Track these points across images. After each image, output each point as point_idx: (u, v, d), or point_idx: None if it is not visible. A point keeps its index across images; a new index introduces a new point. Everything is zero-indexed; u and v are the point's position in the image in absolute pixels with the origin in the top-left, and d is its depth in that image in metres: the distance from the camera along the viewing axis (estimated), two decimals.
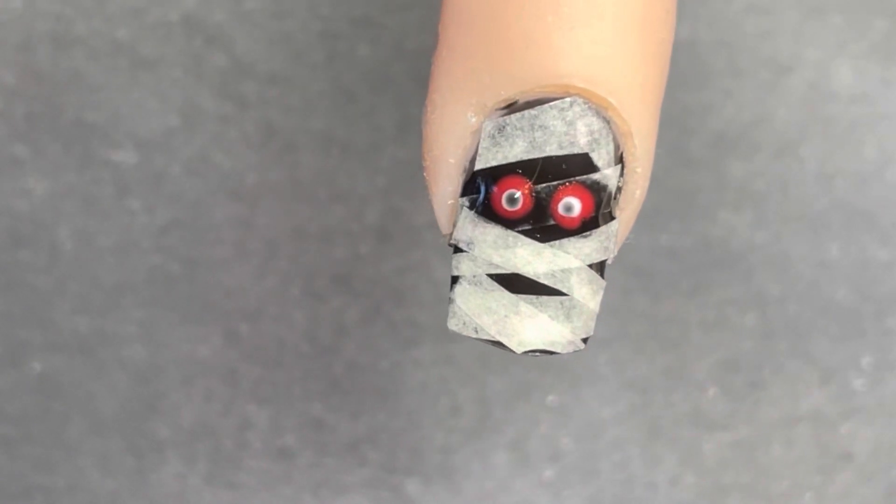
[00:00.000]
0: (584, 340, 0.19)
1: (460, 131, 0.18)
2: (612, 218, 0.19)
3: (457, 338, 0.33)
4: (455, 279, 0.19)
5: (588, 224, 0.18)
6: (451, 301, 0.19)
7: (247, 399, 0.33)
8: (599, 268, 0.19)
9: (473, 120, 0.18)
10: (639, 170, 0.19)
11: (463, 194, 0.18)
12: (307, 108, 0.32)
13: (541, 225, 0.18)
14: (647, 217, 0.33)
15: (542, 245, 0.18)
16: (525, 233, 0.18)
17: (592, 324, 0.19)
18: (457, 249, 0.19)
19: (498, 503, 0.34)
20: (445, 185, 0.19)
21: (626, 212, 0.19)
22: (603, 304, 0.33)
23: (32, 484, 0.33)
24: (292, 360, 0.33)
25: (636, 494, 0.34)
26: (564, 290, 0.18)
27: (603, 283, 0.19)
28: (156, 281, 0.33)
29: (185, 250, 0.33)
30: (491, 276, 0.18)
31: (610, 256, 0.19)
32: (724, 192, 0.33)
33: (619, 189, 0.19)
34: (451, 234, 0.19)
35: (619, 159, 0.18)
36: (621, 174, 0.18)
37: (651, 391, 0.34)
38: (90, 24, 0.32)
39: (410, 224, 0.33)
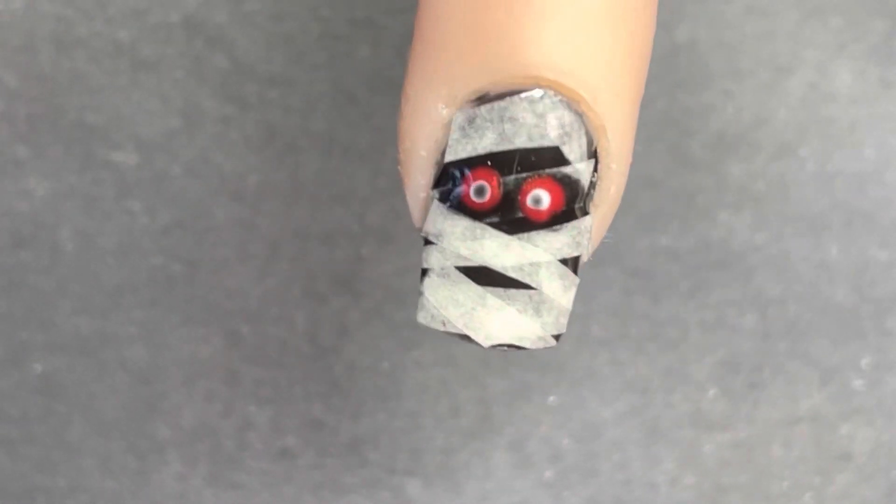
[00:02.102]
0: (557, 337, 0.19)
1: (432, 123, 0.18)
2: (586, 213, 0.18)
3: (457, 339, 0.33)
4: (424, 272, 0.19)
5: (558, 218, 0.18)
6: (420, 294, 0.19)
7: (248, 400, 0.33)
8: (572, 264, 0.18)
9: (445, 112, 0.18)
10: (613, 166, 0.18)
11: (435, 187, 0.18)
12: (308, 110, 0.32)
13: (509, 217, 0.18)
14: (647, 218, 0.33)
15: (509, 237, 0.18)
16: (493, 225, 0.18)
17: (564, 320, 0.19)
18: (427, 242, 0.19)
19: None
20: (418, 178, 0.19)
21: (601, 208, 0.19)
22: (602, 304, 0.33)
23: (33, 485, 0.33)
24: (293, 361, 0.33)
25: (636, 495, 0.34)
26: (533, 284, 0.18)
27: (576, 279, 0.19)
28: (157, 282, 0.33)
29: (186, 251, 0.33)
30: (459, 268, 0.18)
31: (583, 252, 0.19)
32: (724, 192, 0.33)
33: (593, 185, 0.18)
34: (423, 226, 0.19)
35: (593, 154, 0.18)
36: (595, 169, 0.18)
37: (651, 392, 0.34)
38: (91, 26, 0.32)
39: (411, 225, 0.32)
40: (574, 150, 0.18)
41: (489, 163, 0.18)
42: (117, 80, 0.32)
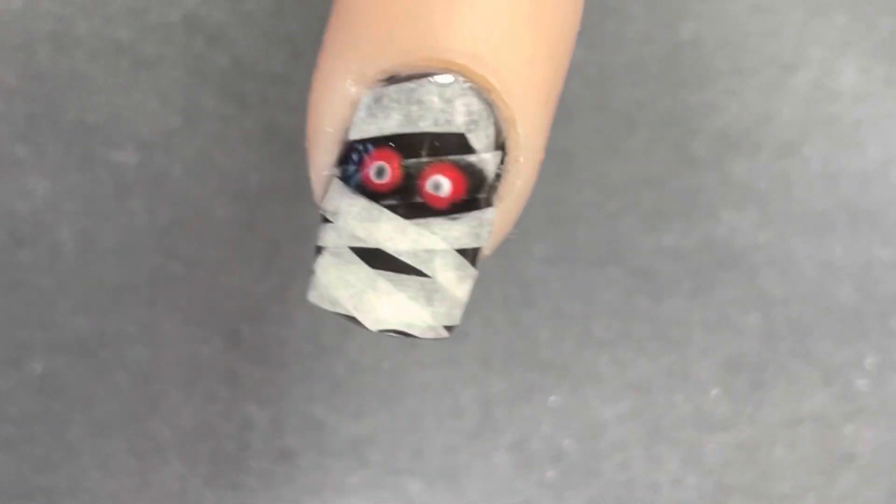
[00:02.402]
0: (449, 329, 0.18)
1: (339, 100, 0.18)
2: (490, 205, 0.18)
3: (458, 338, 0.33)
4: (318, 249, 0.18)
5: (458, 207, 0.17)
6: (311, 272, 0.18)
7: (248, 400, 0.33)
8: (471, 255, 0.18)
9: (353, 89, 0.17)
10: (521, 159, 0.18)
11: (337, 164, 0.18)
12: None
13: (408, 201, 0.17)
14: (650, 217, 0.33)
15: (406, 222, 0.17)
16: (391, 207, 0.17)
17: (458, 312, 0.18)
18: (324, 220, 0.18)
19: None
20: (322, 155, 0.18)
21: (506, 202, 0.18)
22: (604, 304, 0.33)
23: (34, 485, 0.33)
24: (294, 361, 0.33)
25: (638, 495, 0.34)
26: (427, 272, 0.18)
27: (474, 271, 0.18)
28: (157, 281, 0.33)
29: (187, 251, 0.32)
30: (353, 248, 0.18)
31: (484, 245, 0.18)
32: (727, 191, 0.33)
33: (498, 176, 0.18)
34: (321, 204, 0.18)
35: (501, 145, 0.18)
36: (502, 161, 0.18)
37: (653, 392, 0.34)
38: (91, 25, 0.32)
39: None
40: (480, 139, 0.17)
41: (392, 144, 0.17)
42: (117, 80, 0.32)
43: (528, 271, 0.33)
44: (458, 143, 0.17)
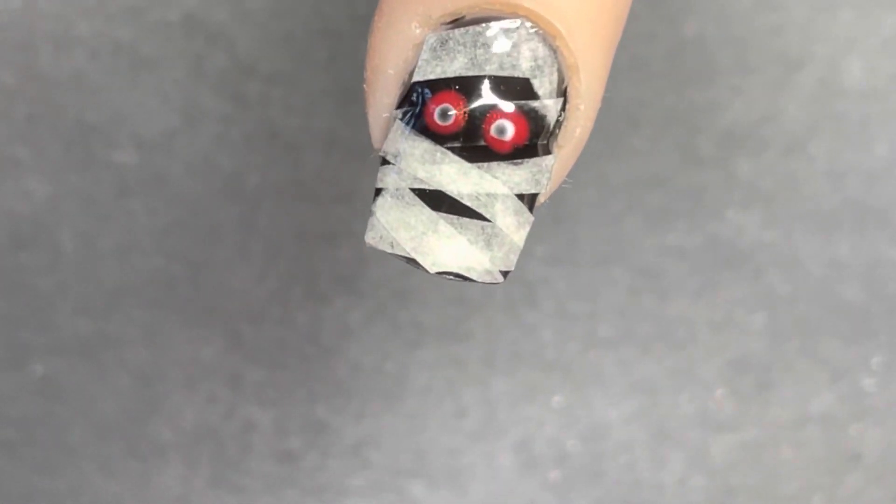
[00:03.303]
0: (505, 274, 0.19)
1: (403, 42, 0.18)
2: (549, 152, 0.18)
3: (462, 339, 0.33)
4: (378, 191, 0.18)
5: (520, 152, 0.18)
6: (371, 213, 0.18)
7: (250, 401, 0.33)
8: (529, 201, 0.18)
9: (418, 31, 0.18)
10: (581, 107, 0.18)
11: (398, 107, 0.18)
12: (309, 108, 0.32)
13: (471, 144, 0.18)
14: (654, 216, 0.33)
15: (469, 165, 0.18)
16: (454, 150, 0.18)
17: (514, 257, 0.18)
18: (385, 162, 0.18)
19: None
20: (382, 97, 0.18)
21: (565, 149, 0.18)
22: (609, 303, 0.33)
23: (35, 487, 0.33)
24: (295, 362, 0.33)
25: (643, 496, 0.34)
26: (487, 216, 0.18)
27: (531, 217, 0.18)
28: (157, 283, 0.33)
29: (187, 252, 0.32)
30: (414, 190, 0.18)
31: (542, 191, 0.18)
32: (733, 190, 0.33)
33: (559, 123, 0.18)
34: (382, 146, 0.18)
35: (563, 93, 0.18)
36: (563, 108, 0.18)
37: (658, 392, 0.33)
38: (91, 25, 0.32)
39: None
40: (544, 85, 0.18)
41: (457, 87, 0.17)
42: (117, 80, 0.32)
43: (532, 271, 0.33)
44: (521, 88, 0.17)
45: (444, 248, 0.18)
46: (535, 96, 0.18)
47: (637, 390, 0.33)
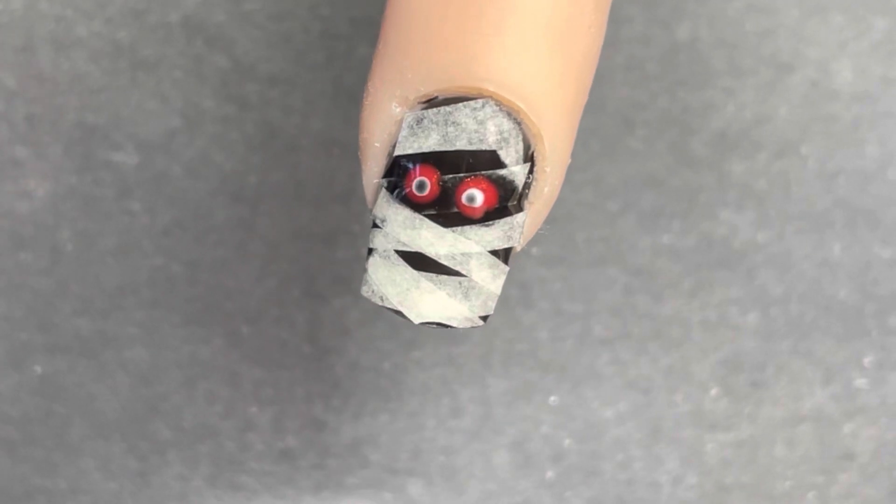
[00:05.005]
0: (484, 318, 0.21)
1: (386, 119, 0.20)
2: (521, 209, 0.20)
3: (458, 339, 0.33)
4: (370, 251, 0.20)
5: (491, 214, 0.20)
6: (365, 270, 0.21)
7: (248, 400, 0.33)
8: (503, 254, 0.20)
9: (398, 110, 0.20)
10: (548, 169, 0.20)
11: (384, 176, 0.20)
12: (308, 109, 0.32)
13: (445, 212, 0.20)
14: (649, 216, 0.33)
15: (444, 230, 0.20)
16: (431, 217, 0.20)
17: (492, 304, 0.21)
18: (375, 225, 0.20)
19: None
20: (372, 166, 0.20)
21: (536, 205, 0.20)
22: (604, 303, 0.33)
23: (34, 486, 0.33)
24: (294, 362, 0.33)
25: (638, 495, 0.34)
26: (464, 272, 0.20)
27: (505, 267, 0.20)
28: (157, 282, 0.33)
29: (187, 252, 0.32)
30: (399, 252, 0.20)
31: (514, 245, 0.20)
32: (726, 191, 0.33)
33: (528, 185, 0.20)
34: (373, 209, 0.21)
35: (530, 157, 0.20)
36: (531, 171, 0.20)
37: (653, 391, 0.33)
38: (91, 26, 0.32)
39: None
40: (510, 155, 0.20)
41: (432, 161, 0.20)
42: (117, 81, 0.32)
43: (528, 272, 0.33)
44: (490, 159, 0.20)
45: (426, 302, 0.20)
46: (502, 165, 0.20)
47: (632, 389, 0.33)
